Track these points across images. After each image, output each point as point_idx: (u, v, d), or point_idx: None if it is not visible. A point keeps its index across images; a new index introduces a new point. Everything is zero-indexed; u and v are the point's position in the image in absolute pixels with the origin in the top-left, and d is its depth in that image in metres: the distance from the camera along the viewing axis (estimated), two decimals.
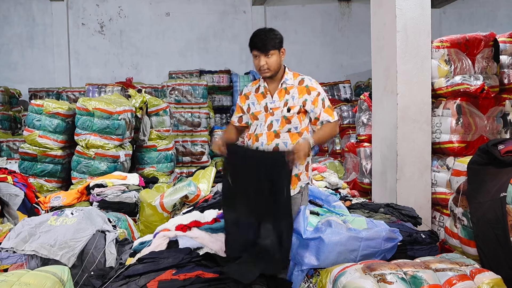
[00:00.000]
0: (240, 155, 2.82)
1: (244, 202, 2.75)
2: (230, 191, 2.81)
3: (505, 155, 2.71)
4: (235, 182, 2.76)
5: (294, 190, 2.96)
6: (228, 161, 2.86)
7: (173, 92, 8.31)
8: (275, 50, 2.89)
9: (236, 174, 2.78)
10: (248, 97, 3.11)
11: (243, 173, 2.76)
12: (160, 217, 4.14)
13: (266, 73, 2.95)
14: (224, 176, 2.89)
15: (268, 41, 2.88)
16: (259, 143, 2.98)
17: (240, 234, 2.74)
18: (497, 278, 2.33)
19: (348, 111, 8.93)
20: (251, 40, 2.93)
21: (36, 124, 5.84)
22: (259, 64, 2.92)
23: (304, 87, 3.00)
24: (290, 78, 3.02)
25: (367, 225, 2.93)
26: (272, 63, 2.90)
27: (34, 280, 2.27)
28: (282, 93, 3.00)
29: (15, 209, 4.26)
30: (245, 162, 2.76)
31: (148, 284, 2.31)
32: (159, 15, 10.92)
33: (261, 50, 2.88)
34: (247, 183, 2.74)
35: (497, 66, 4.29)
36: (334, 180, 4.96)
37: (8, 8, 10.39)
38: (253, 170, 2.70)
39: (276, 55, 2.90)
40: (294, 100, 2.97)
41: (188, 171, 7.95)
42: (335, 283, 2.44)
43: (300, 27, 11.16)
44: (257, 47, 2.89)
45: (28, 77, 10.38)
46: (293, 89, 2.99)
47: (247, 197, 2.74)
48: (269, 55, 2.88)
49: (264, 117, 3.00)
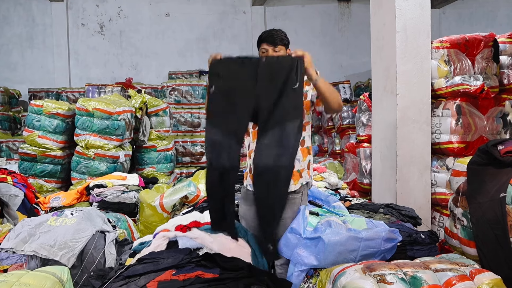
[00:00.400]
0: (237, 63, 2.63)
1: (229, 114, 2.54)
2: (215, 100, 2.56)
3: (505, 155, 2.71)
4: (221, 89, 2.54)
5: (295, 186, 2.97)
6: (219, 66, 2.64)
7: (173, 92, 8.31)
8: (283, 46, 2.97)
9: (226, 81, 2.58)
10: None
11: (235, 80, 2.57)
12: (160, 217, 4.14)
13: None
14: (210, 83, 2.64)
15: (277, 36, 2.96)
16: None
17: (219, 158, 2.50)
18: (497, 279, 2.32)
19: (347, 111, 8.92)
20: (260, 37, 3.02)
21: (35, 124, 5.84)
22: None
23: (306, 81, 3.04)
24: None
25: (367, 226, 2.93)
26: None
27: (34, 281, 2.27)
28: None
29: (15, 210, 4.26)
30: (242, 68, 2.56)
31: (147, 285, 2.31)
32: (159, 15, 10.94)
33: (270, 42, 2.95)
34: (239, 92, 2.54)
35: (496, 66, 4.29)
36: (333, 181, 4.96)
37: (8, 9, 10.40)
38: (250, 78, 2.52)
39: (283, 51, 2.97)
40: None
41: (187, 171, 7.95)
42: (334, 283, 2.44)
43: (299, 28, 11.17)
44: (266, 41, 2.96)
45: (28, 77, 10.39)
46: None
47: (235, 106, 2.53)
48: (277, 49, 2.95)
49: None
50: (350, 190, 5.26)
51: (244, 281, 2.33)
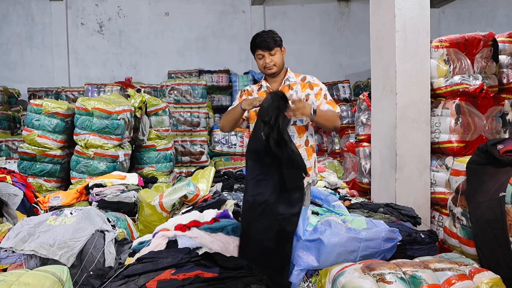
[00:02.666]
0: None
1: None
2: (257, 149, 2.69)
3: (504, 154, 2.71)
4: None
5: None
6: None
7: (172, 91, 8.31)
8: (277, 48, 3.04)
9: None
10: (251, 94, 3.22)
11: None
12: (159, 216, 4.14)
13: (272, 69, 3.07)
14: (257, 128, 2.71)
15: (270, 39, 3.02)
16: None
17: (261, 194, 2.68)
18: (496, 278, 2.33)
19: (347, 111, 8.93)
20: (253, 42, 3.07)
21: (35, 123, 5.83)
22: (265, 62, 3.04)
23: (307, 83, 3.14)
24: (293, 77, 3.16)
25: (367, 225, 2.93)
26: (277, 59, 3.05)
27: (33, 280, 2.27)
28: (285, 89, 3.10)
29: (14, 209, 4.25)
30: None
31: (147, 284, 2.31)
32: (158, 14, 10.92)
33: (265, 48, 3.01)
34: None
35: (496, 66, 4.30)
36: (333, 180, 4.97)
37: (7, 8, 10.38)
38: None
39: (279, 52, 3.05)
40: (297, 94, 3.08)
41: (187, 170, 7.95)
42: (334, 282, 2.44)
43: (299, 27, 11.16)
44: (261, 47, 3.02)
45: (27, 76, 10.37)
46: (296, 85, 3.13)
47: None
48: (273, 53, 3.02)
49: None
50: (350, 189, 5.27)
51: (243, 280, 2.33)
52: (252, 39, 3.10)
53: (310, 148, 3.12)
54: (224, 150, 8.82)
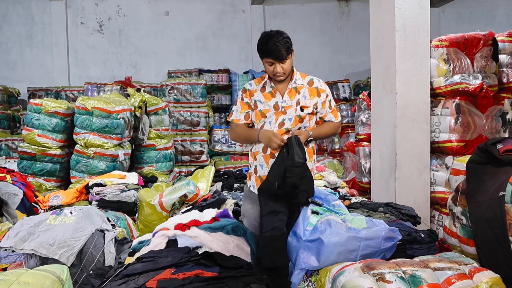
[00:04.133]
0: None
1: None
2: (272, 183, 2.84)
3: (504, 154, 2.71)
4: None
5: None
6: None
7: (172, 91, 8.31)
8: (289, 55, 2.92)
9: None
10: (254, 94, 3.09)
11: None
12: (159, 216, 4.14)
13: (281, 77, 2.99)
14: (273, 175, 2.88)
15: (284, 49, 2.87)
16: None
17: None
18: (496, 277, 2.33)
19: (347, 110, 8.94)
20: (263, 48, 2.90)
21: (35, 123, 5.83)
22: (275, 71, 2.93)
23: (315, 89, 3.08)
24: (299, 79, 3.08)
25: (367, 224, 2.93)
26: (287, 68, 2.95)
27: (33, 279, 2.27)
28: (292, 92, 3.04)
29: (14, 208, 4.25)
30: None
31: (147, 283, 2.31)
32: (158, 14, 10.92)
33: (279, 59, 2.89)
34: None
35: (496, 65, 4.30)
36: (333, 179, 4.96)
37: (7, 7, 10.37)
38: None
39: (290, 59, 2.94)
40: (306, 100, 3.04)
41: (187, 170, 7.95)
42: (334, 282, 2.45)
43: (299, 26, 11.15)
44: (273, 56, 2.88)
45: (27, 76, 10.36)
46: (303, 89, 3.06)
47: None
48: (283, 62, 2.91)
49: (274, 116, 3.02)
50: (350, 189, 5.26)
51: (243, 279, 2.33)
52: (262, 41, 2.91)
53: (311, 150, 3.12)
54: (224, 149, 8.83)
